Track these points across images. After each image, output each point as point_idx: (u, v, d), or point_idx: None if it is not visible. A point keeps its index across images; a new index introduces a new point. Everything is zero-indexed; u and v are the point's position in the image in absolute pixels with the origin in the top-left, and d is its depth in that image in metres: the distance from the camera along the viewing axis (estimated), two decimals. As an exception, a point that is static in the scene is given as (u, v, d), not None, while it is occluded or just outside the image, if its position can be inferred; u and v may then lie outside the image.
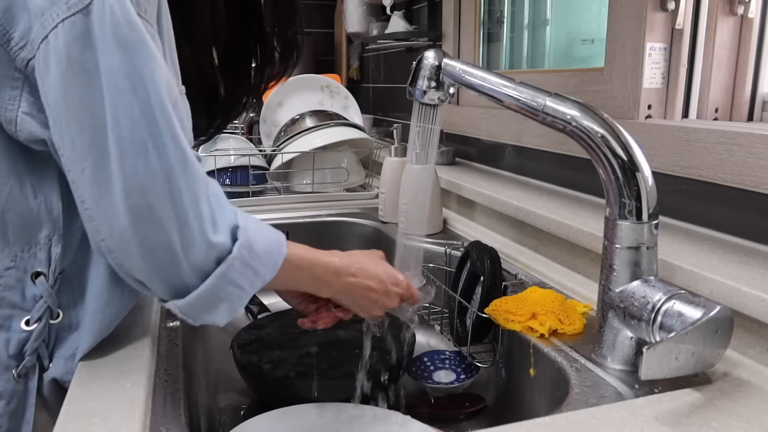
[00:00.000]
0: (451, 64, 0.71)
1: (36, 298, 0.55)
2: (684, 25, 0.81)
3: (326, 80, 1.52)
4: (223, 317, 0.52)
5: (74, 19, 0.45)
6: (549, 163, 1.05)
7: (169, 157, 0.47)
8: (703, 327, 0.49)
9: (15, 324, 0.54)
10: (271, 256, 0.54)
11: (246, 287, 0.52)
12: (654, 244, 0.56)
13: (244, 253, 0.50)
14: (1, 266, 0.55)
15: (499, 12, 1.38)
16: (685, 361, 0.49)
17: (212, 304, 0.51)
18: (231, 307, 0.52)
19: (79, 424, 0.47)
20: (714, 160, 0.70)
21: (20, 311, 0.55)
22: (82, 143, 0.47)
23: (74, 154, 0.47)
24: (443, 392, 0.79)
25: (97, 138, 0.46)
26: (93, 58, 0.46)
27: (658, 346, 0.47)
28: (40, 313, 0.55)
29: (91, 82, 0.46)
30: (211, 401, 0.81)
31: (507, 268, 0.84)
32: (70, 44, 0.45)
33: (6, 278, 0.54)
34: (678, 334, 0.48)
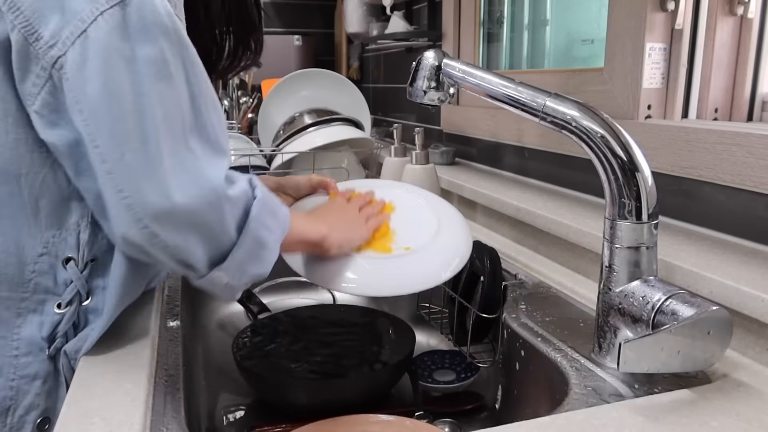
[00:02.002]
0: (451, 64, 0.71)
1: (67, 283, 0.58)
2: (684, 25, 0.81)
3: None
4: (267, 264, 0.56)
5: (113, 11, 0.48)
6: (549, 163, 1.05)
7: (209, 135, 0.52)
8: (690, 326, 0.48)
9: (48, 307, 0.58)
10: (281, 205, 0.59)
11: (275, 229, 0.56)
12: (654, 244, 0.56)
13: (265, 197, 0.55)
14: (35, 253, 0.57)
15: (499, 12, 1.38)
16: (668, 359, 0.49)
17: (255, 251, 0.54)
18: (271, 252, 0.56)
19: (79, 424, 0.47)
20: (714, 160, 0.70)
21: (53, 295, 0.58)
22: (124, 128, 0.48)
23: (113, 141, 0.48)
24: (443, 392, 0.79)
25: (139, 122, 0.48)
26: (132, 46, 0.48)
27: (637, 341, 0.48)
28: (71, 296, 0.58)
29: (132, 69, 0.48)
30: (211, 401, 0.81)
31: (507, 268, 0.85)
32: (110, 34, 0.48)
33: (40, 264, 0.57)
34: (661, 330, 0.48)
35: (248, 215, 0.53)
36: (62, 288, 0.58)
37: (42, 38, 0.50)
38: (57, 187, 0.56)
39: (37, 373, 0.57)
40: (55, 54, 0.50)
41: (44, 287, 0.57)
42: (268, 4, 2.17)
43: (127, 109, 0.48)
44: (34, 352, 0.57)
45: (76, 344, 0.58)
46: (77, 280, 0.58)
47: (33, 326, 0.57)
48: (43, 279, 0.57)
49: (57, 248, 0.57)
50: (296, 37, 2.03)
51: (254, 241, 0.54)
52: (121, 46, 0.48)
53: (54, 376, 0.58)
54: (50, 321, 0.58)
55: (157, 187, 0.48)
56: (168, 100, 0.49)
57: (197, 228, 0.50)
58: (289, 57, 2.02)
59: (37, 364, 0.57)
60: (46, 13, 0.50)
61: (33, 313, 0.57)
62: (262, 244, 0.55)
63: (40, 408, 0.57)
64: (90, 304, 0.59)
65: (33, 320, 0.57)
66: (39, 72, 0.51)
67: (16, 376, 0.56)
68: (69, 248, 0.58)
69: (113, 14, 0.48)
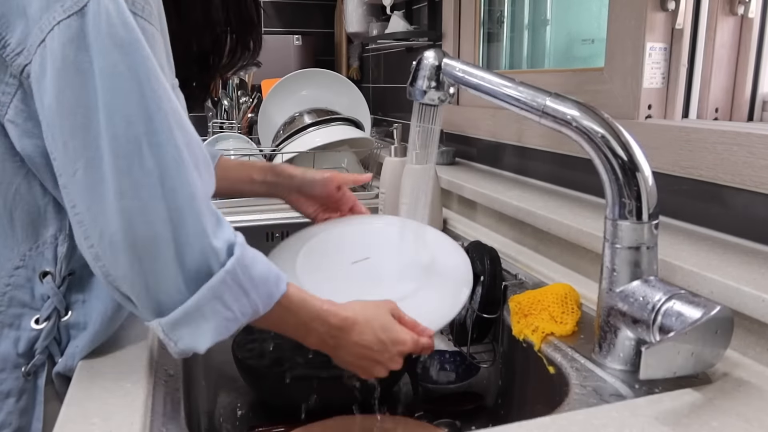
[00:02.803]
0: (451, 64, 0.71)
1: (44, 298, 0.56)
2: (684, 25, 0.81)
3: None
4: (205, 340, 0.49)
5: (69, 21, 0.46)
6: (549, 163, 1.05)
7: (165, 156, 0.47)
8: (702, 327, 0.49)
9: (25, 322, 0.55)
10: (266, 286, 0.52)
11: (235, 310, 0.50)
12: (654, 244, 0.56)
13: (237, 270, 0.49)
14: (11, 266, 0.55)
15: (499, 12, 1.38)
16: (684, 361, 0.49)
17: (197, 321, 0.48)
18: (216, 330, 0.49)
19: (79, 424, 0.47)
20: (714, 160, 0.70)
21: (30, 310, 0.56)
22: (75, 144, 0.46)
23: (67, 156, 0.47)
24: (443, 392, 0.79)
25: (91, 138, 0.46)
26: (88, 58, 0.46)
27: (657, 346, 0.47)
28: (49, 311, 0.56)
29: (86, 82, 0.46)
30: (211, 401, 0.81)
31: (507, 268, 0.84)
32: (65, 45, 0.46)
33: (16, 277, 0.55)
34: (677, 333, 0.48)
35: (207, 279, 0.48)
36: (39, 302, 0.56)
37: (9, 45, 0.49)
38: (32, 199, 0.55)
39: (11, 390, 0.55)
40: (22, 62, 0.49)
41: (20, 301, 0.55)
42: (268, 4, 2.17)
43: (79, 125, 0.46)
44: (8, 369, 0.55)
45: (66, 363, 0.56)
46: (54, 296, 0.56)
47: (8, 342, 0.55)
48: (19, 293, 0.55)
49: (34, 261, 0.56)
50: (296, 37, 2.02)
51: (198, 310, 0.48)
52: (76, 58, 0.46)
53: (30, 394, 0.56)
54: (27, 336, 0.55)
55: (104, 209, 0.46)
56: (120, 116, 0.46)
57: (140, 263, 0.47)
58: (288, 57, 2.02)
59: (11, 381, 0.55)
60: (11, 20, 0.48)
61: (9, 327, 0.55)
62: (207, 317, 0.49)
63: (12, 426, 0.55)
64: (70, 320, 0.57)
65: (9, 335, 0.55)
66: (9, 80, 0.50)
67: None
68: (46, 262, 0.56)
69: (69, 24, 0.46)
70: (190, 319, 0.48)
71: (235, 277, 0.49)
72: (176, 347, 0.49)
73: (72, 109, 0.46)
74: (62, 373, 0.56)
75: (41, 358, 0.56)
